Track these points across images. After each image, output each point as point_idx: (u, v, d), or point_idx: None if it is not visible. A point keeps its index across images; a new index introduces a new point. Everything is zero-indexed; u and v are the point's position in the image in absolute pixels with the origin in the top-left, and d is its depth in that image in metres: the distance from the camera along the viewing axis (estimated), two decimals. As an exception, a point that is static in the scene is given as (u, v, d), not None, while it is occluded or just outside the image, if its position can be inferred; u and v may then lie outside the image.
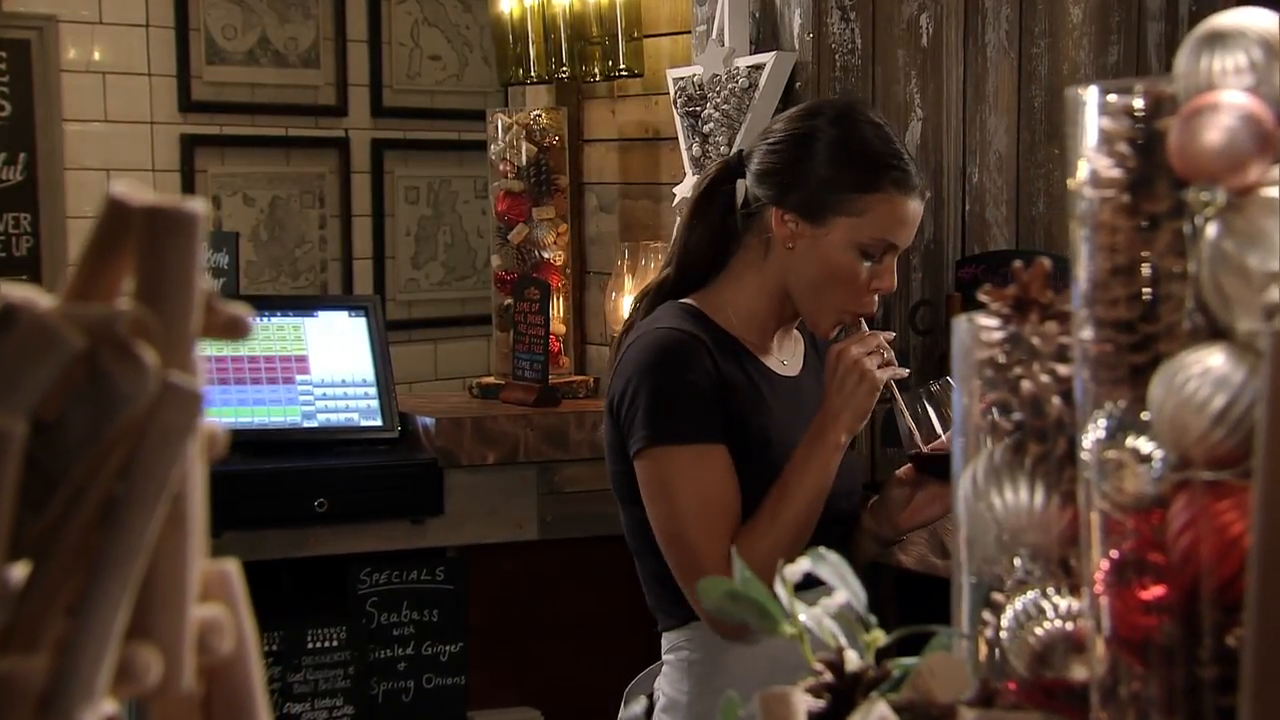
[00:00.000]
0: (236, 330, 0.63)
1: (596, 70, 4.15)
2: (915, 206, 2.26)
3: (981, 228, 3.39)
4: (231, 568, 0.66)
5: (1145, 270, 0.86)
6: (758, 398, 2.28)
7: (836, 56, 3.23)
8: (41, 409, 0.59)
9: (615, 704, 2.48)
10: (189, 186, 4.69)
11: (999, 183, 3.38)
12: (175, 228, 0.61)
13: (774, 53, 3.22)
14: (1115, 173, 0.87)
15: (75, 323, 0.59)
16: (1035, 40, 3.38)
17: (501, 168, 4.32)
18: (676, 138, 3.60)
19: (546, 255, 4.32)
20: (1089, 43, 3.39)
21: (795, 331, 2.43)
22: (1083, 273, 0.88)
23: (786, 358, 2.39)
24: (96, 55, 4.60)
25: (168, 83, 4.69)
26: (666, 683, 2.30)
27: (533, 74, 4.27)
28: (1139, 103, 0.87)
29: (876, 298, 2.27)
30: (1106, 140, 0.87)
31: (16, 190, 4.46)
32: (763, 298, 2.32)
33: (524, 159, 4.28)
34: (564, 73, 4.20)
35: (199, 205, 0.61)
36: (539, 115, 4.32)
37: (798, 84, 3.22)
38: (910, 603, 2.90)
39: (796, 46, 3.24)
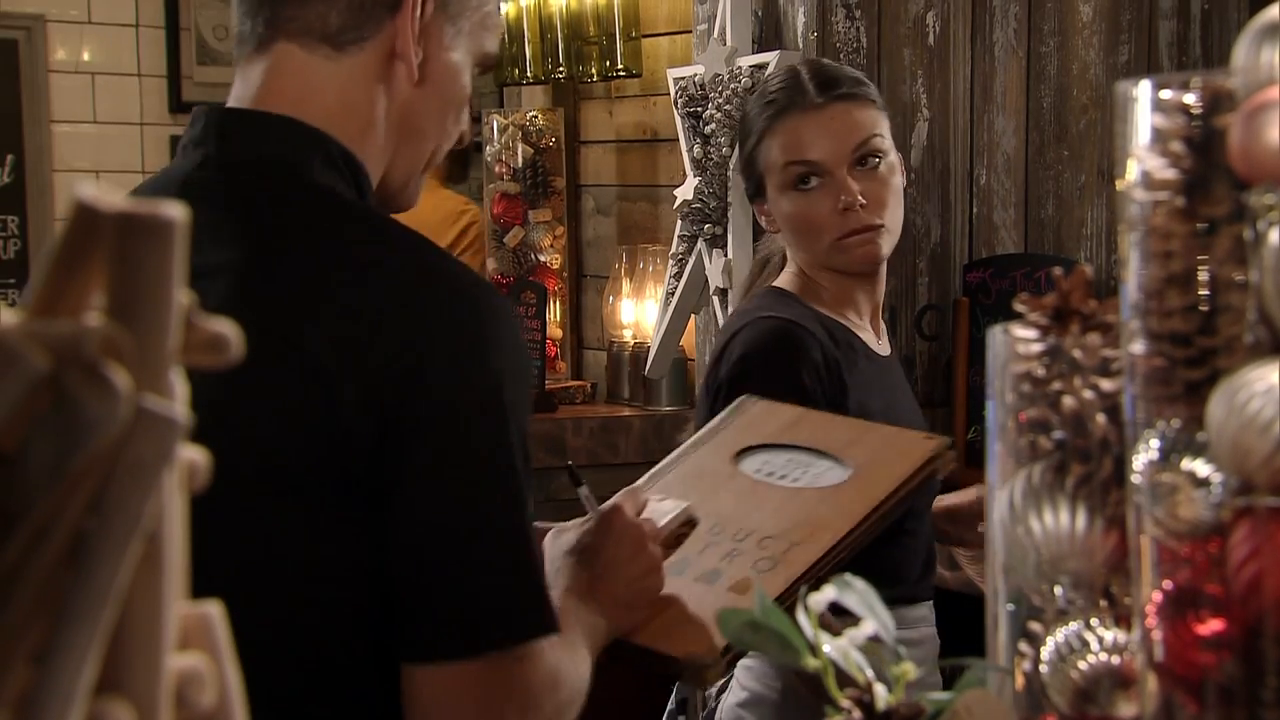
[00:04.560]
0: (219, 350, 0.57)
1: (594, 70, 4.10)
2: (800, 122, 2.25)
3: (989, 231, 3.33)
4: (213, 611, 0.59)
5: (1203, 279, 0.80)
6: (870, 382, 2.24)
7: (841, 55, 3.17)
8: (1, 438, 0.53)
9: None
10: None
11: (1007, 185, 3.33)
12: (150, 235, 0.55)
13: (777, 52, 3.17)
14: (1169, 174, 0.81)
15: (38, 342, 0.53)
16: (1044, 39, 3.32)
17: (497, 169, 4.27)
18: (674, 139, 3.54)
19: (543, 258, 4.27)
20: (1099, 41, 3.34)
21: None
22: (1133, 281, 0.82)
23: (880, 335, 2.35)
24: (85, 55, 4.54)
25: (158, 83, 4.64)
26: (749, 676, 2.21)
27: (529, 74, 4.22)
28: (1194, 98, 0.81)
29: (854, 214, 2.21)
30: (1159, 139, 0.81)
31: (4, 192, 4.40)
32: (831, 278, 2.29)
33: (520, 160, 4.23)
34: (560, 73, 4.15)
35: (177, 210, 0.55)
36: (535, 116, 4.27)
37: (801, 84, 3.17)
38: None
39: (800, 45, 3.19)
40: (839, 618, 0.96)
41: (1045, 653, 0.90)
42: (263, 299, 1.43)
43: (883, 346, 2.35)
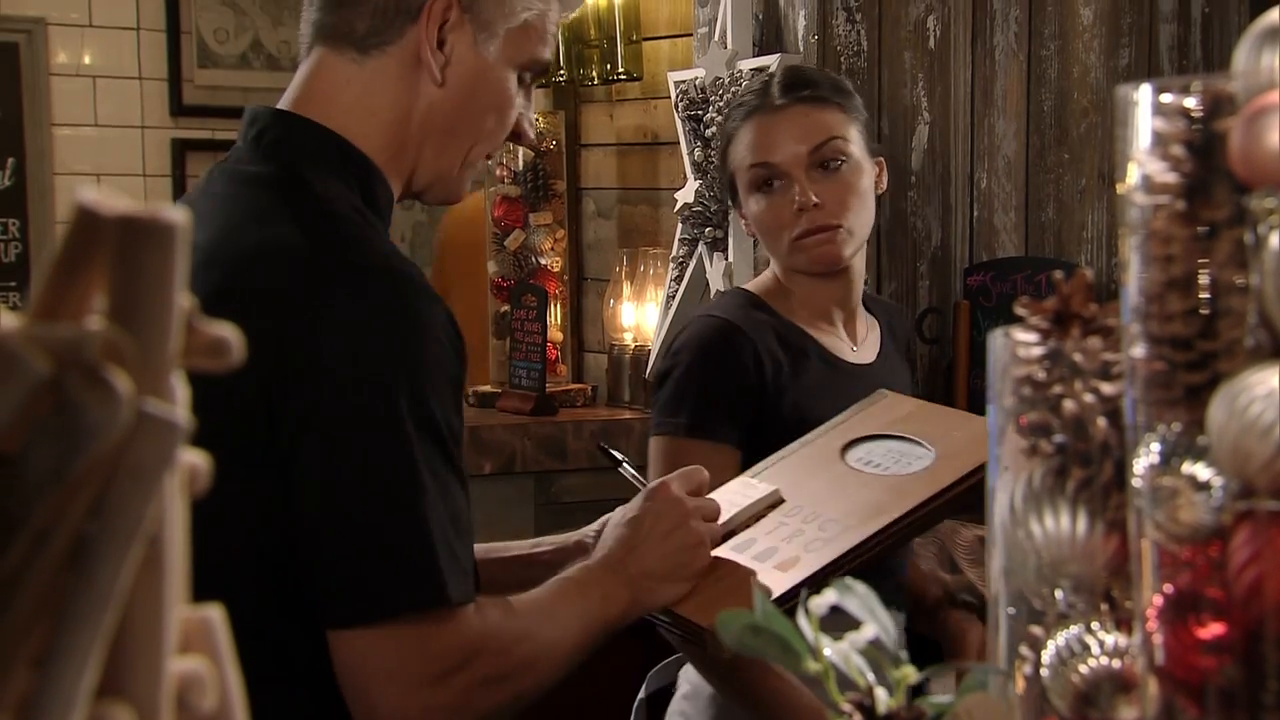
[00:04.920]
0: (220, 353, 0.57)
1: (594, 74, 4.10)
2: (762, 124, 2.27)
3: (990, 234, 3.33)
4: (214, 615, 0.59)
5: (1203, 283, 0.80)
6: (820, 389, 2.24)
7: (842, 59, 3.17)
8: (3, 441, 0.53)
9: (616, 716, 2.44)
10: (180, 191, 4.63)
11: (1008, 188, 3.33)
12: (152, 239, 0.55)
13: (778, 55, 3.17)
14: (1170, 177, 0.81)
15: (40, 346, 0.53)
16: (1045, 43, 3.32)
17: (498, 173, 4.27)
18: (675, 142, 3.54)
19: (544, 261, 4.26)
20: (1100, 45, 3.34)
21: (869, 316, 2.40)
22: (1133, 285, 0.82)
23: (859, 344, 2.35)
24: (86, 58, 4.54)
25: (159, 86, 4.64)
26: (691, 670, 2.25)
27: (529, 77, 4.21)
28: (1195, 102, 0.81)
29: (810, 214, 2.23)
30: (1160, 143, 0.81)
31: (5, 195, 4.40)
32: (800, 282, 2.30)
33: (520, 164, 4.23)
34: (561, 76, 4.15)
35: (179, 214, 0.55)
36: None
37: (802, 87, 3.16)
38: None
39: (801, 49, 3.19)
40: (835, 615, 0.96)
41: (1046, 656, 0.90)
42: (203, 280, 1.50)
43: (862, 354, 2.34)
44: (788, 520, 1.79)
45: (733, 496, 1.83)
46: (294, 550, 1.51)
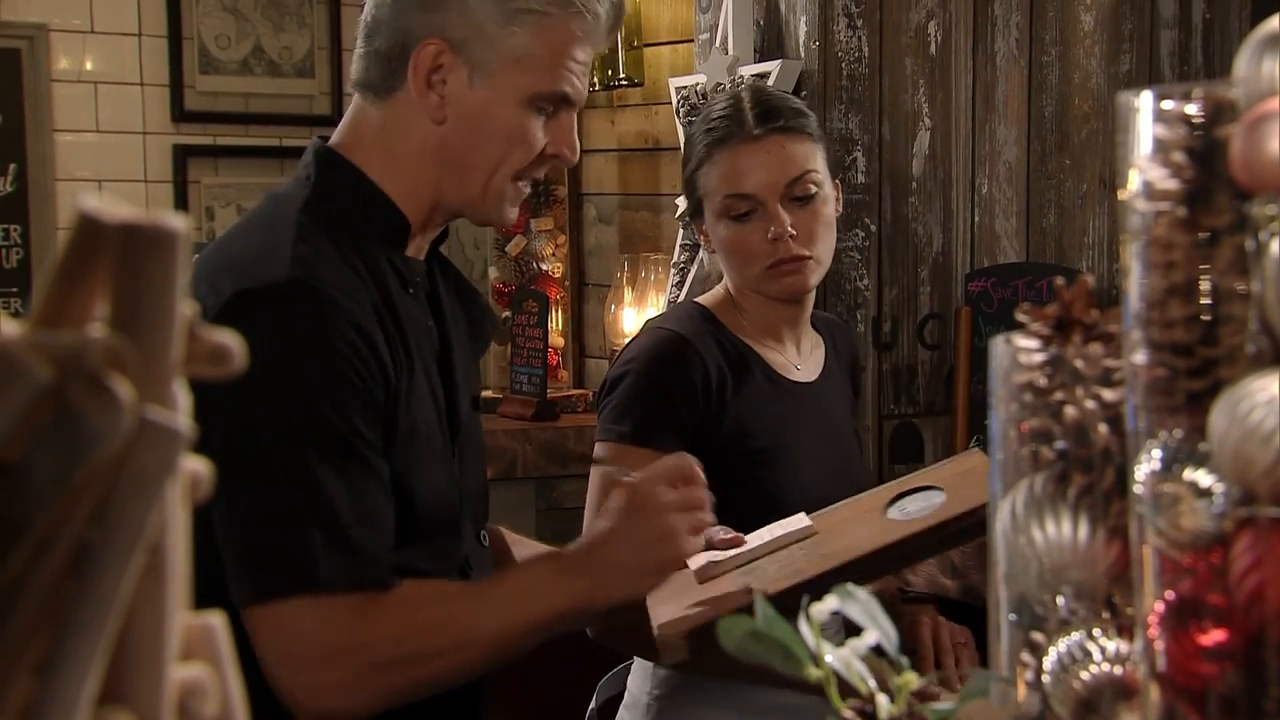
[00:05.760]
0: (222, 361, 0.57)
1: (595, 79, 4.10)
2: (738, 153, 2.27)
3: (991, 239, 3.33)
4: (216, 622, 0.59)
5: (1204, 289, 0.80)
6: (762, 405, 2.27)
7: (843, 65, 3.17)
8: (4, 449, 0.53)
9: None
10: (181, 197, 4.63)
11: (1009, 194, 3.33)
12: (154, 247, 0.55)
13: (779, 61, 3.17)
14: (1171, 184, 0.81)
15: (42, 353, 0.53)
16: (1045, 49, 3.32)
17: (499, 178, 4.26)
18: (676, 147, 3.54)
19: (545, 267, 4.27)
20: (1100, 51, 3.34)
21: (814, 333, 2.42)
22: (1135, 292, 0.82)
23: (803, 362, 2.37)
24: (88, 64, 4.54)
25: (160, 92, 4.63)
26: (634, 680, 2.30)
27: (531, 83, 4.21)
28: (1196, 109, 0.81)
29: (784, 244, 2.25)
30: (1161, 149, 0.81)
31: (7, 201, 4.40)
32: (754, 301, 2.33)
33: (522, 169, 4.22)
34: (563, 82, 4.14)
35: (180, 222, 0.55)
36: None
37: (803, 93, 3.17)
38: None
39: (802, 55, 3.19)
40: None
41: (1048, 663, 0.90)
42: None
43: (805, 372, 2.37)
44: (794, 553, 1.84)
45: (775, 526, 1.90)
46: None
